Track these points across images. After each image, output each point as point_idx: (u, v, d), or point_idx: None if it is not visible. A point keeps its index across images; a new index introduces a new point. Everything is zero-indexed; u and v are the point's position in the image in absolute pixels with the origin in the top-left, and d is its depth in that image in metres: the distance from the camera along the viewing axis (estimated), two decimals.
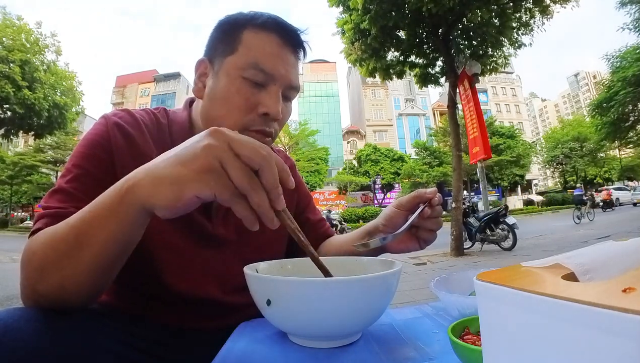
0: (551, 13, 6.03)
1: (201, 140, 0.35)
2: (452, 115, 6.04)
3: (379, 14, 5.41)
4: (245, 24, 0.58)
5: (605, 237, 5.27)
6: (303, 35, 0.62)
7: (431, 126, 36.85)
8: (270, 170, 0.35)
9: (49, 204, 0.49)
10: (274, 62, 0.57)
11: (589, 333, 0.14)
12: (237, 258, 0.61)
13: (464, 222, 6.00)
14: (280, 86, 0.58)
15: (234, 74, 0.56)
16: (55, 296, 0.39)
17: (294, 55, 0.61)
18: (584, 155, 27.53)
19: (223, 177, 0.34)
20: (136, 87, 42.92)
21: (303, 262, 0.55)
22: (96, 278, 0.40)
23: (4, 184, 22.16)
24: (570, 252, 0.24)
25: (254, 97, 0.57)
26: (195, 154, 0.34)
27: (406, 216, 0.59)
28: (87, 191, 0.49)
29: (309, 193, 0.83)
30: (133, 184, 0.36)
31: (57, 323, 0.39)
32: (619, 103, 13.91)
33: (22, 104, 13.42)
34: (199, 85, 0.61)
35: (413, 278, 3.86)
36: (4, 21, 13.86)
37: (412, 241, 0.61)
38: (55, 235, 0.40)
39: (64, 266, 0.38)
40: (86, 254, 0.38)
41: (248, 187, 0.34)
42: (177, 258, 0.58)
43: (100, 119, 0.59)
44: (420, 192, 0.59)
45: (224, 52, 0.58)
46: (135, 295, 0.59)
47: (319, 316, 0.39)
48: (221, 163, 0.34)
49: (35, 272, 0.40)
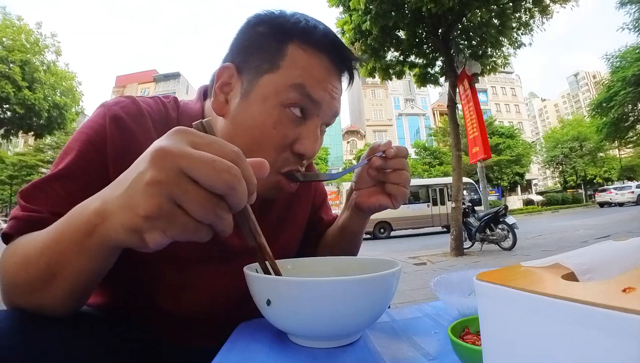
0: (551, 13, 6.03)
1: (145, 170, 0.28)
2: (452, 115, 6.04)
3: (379, 14, 5.41)
4: (292, 35, 0.49)
5: (605, 237, 5.27)
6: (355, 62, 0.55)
7: (431, 126, 36.89)
8: (237, 195, 0.29)
9: (26, 204, 0.45)
10: (321, 89, 0.49)
11: (589, 333, 0.14)
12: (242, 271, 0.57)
13: (464, 221, 6.00)
14: (322, 118, 0.52)
15: (274, 100, 0.48)
16: (34, 310, 0.38)
17: (341, 82, 0.54)
18: (583, 155, 27.58)
19: (179, 216, 0.28)
20: (136, 87, 42.84)
21: (303, 262, 0.55)
22: (72, 300, 0.39)
23: (4, 184, 22.14)
24: (570, 251, 0.24)
25: (293, 132, 0.50)
26: (139, 194, 0.28)
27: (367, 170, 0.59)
28: (69, 194, 0.45)
29: (324, 192, 0.79)
30: (99, 221, 0.31)
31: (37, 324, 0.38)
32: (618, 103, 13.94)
33: (22, 104, 13.41)
34: (221, 98, 0.51)
35: (413, 278, 3.86)
36: (4, 21, 13.86)
37: (382, 195, 0.59)
38: (26, 256, 0.37)
39: (36, 290, 0.37)
40: (59, 283, 0.36)
41: (213, 218, 0.29)
42: (176, 270, 0.52)
43: (99, 108, 0.51)
44: (374, 144, 0.58)
45: (261, 66, 0.49)
46: (129, 304, 0.55)
47: (319, 316, 0.39)
48: (173, 200, 0.27)
49: (10, 289, 0.38)
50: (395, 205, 0.58)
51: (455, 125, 5.91)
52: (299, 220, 0.69)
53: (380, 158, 0.56)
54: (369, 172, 0.58)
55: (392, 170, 0.57)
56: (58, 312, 0.39)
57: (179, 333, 0.57)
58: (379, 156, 0.56)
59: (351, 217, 0.64)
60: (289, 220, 0.66)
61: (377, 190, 0.60)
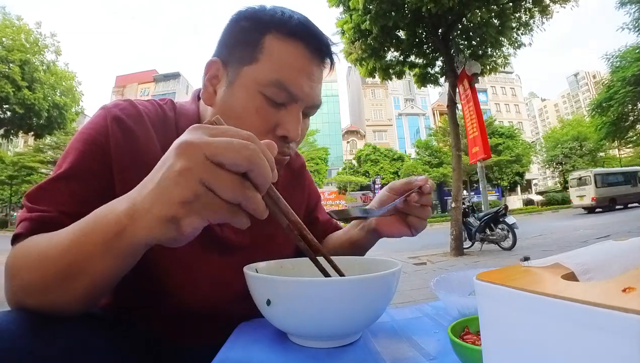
0: (551, 13, 6.04)
1: (174, 162, 0.30)
2: (452, 115, 6.04)
3: (379, 14, 5.42)
4: (269, 27, 0.51)
5: (605, 237, 5.27)
6: (333, 47, 0.57)
7: (431, 126, 36.87)
8: (260, 170, 0.31)
9: (32, 205, 0.46)
10: (298, 80, 0.52)
11: (589, 333, 0.14)
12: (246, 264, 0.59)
13: (464, 221, 6.00)
14: (302, 106, 0.54)
15: (253, 89, 0.51)
16: (45, 310, 0.38)
17: (320, 68, 0.56)
18: (583, 154, 27.58)
19: (211, 198, 0.30)
20: (136, 87, 42.83)
21: (303, 262, 0.55)
22: (87, 301, 0.39)
23: (4, 184, 22.15)
24: (570, 251, 0.24)
25: (274, 117, 0.52)
26: (173, 184, 0.30)
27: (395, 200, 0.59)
28: (74, 193, 0.46)
29: (318, 192, 0.81)
30: (129, 222, 0.32)
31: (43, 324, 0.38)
32: (618, 102, 13.95)
33: (21, 104, 13.43)
34: (209, 89, 0.55)
35: (413, 278, 3.86)
36: (3, 21, 13.87)
37: (403, 226, 0.61)
38: (43, 256, 0.37)
39: (52, 291, 0.37)
40: (78, 284, 0.36)
41: (241, 198, 0.31)
42: (181, 267, 0.54)
43: (99, 111, 0.53)
44: (411, 179, 0.59)
45: (242, 59, 0.52)
46: (134, 303, 0.57)
47: (319, 316, 0.39)
48: (204, 184, 0.30)
49: (22, 290, 0.38)
50: (414, 234, 0.61)
51: (455, 125, 5.91)
52: None
53: (417, 193, 0.57)
54: (397, 206, 0.58)
55: (420, 205, 0.58)
56: (70, 312, 0.39)
57: (180, 332, 0.58)
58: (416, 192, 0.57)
59: (365, 237, 0.66)
60: None
61: (397, 219, 0.61)
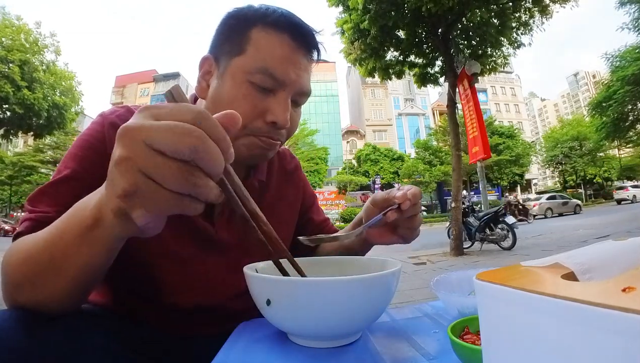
0: (550, 13, 6.04)
1: (114, 150, 0.28)
2: (452, 115, 6.04)
3: (378, 13, 5.42)
4: (254, 21, 0.54)
5: (605, 237, 5.27)
6: (318, 36, 0.58)
7: (431, 126, 36.86)
8: (207, 156, 0.27)
9: (34, 207, 0.48)
10: (284, 67, 0.53)
11: (588, 332, 0.14)
12: (240, 263, 0.59)
13: (464, 221, 6.00)
14: (289, 92, 0.55)
15: (241, 77, 0.53)
16: (34, 307, 0.39)
17: (307, 57, 0.57)
18: (583, 154, 27.61)
19: (154, 189, 0.27)
20: (135, 87, 42.83)
21: (302, 262, 0.55)
22: (73, 295, 0.39)
23: (4, 185, 22.15)
24: (570, 251, 0.24)
25: (262, 103, 0.53)
26: (116, 175, 0.28)
27: (378, 213, 0.58)
28: (75, 195, 0.46)
29: (313, 194, 0.81)
30: (100, 215, 0.32)
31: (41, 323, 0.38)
32: (618, 102, 13.94)
33: (21, 104, 13.40)
34: (203, 84, 0.57)
35: (413, 278, 3.86)
36: (3, 21, 13.83)
37: (393, 236, 0.60)
38: (31, 252, 0.38)
39: (38, 285, 0.37)
40: (61, 279, 0.37)
41: (188, 187, 0.27)
42: (177, 267, 0.56)
43: (97, 118, 0.56)
44: (391, 193, 0.57)
45: (231, 52, 0.54)
46: (132, 302, 0.58)
47: (319, 316, 0.39)
48: (144, 174, 0.27)
49: (12, 286, 0.39)
50: (407, 241, 0.61)
51: (455, 125, 5.91)
52: (287, 221, 0.71)
53: (396, 211, 0.55)
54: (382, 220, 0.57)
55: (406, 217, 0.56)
56: (61, 309, 0.40)
57: (175, 331, 0.59)
58: (395, 209, 0.55)
59: (360, 245, 0.68)
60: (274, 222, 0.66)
61: (387, 230, 0.61)
